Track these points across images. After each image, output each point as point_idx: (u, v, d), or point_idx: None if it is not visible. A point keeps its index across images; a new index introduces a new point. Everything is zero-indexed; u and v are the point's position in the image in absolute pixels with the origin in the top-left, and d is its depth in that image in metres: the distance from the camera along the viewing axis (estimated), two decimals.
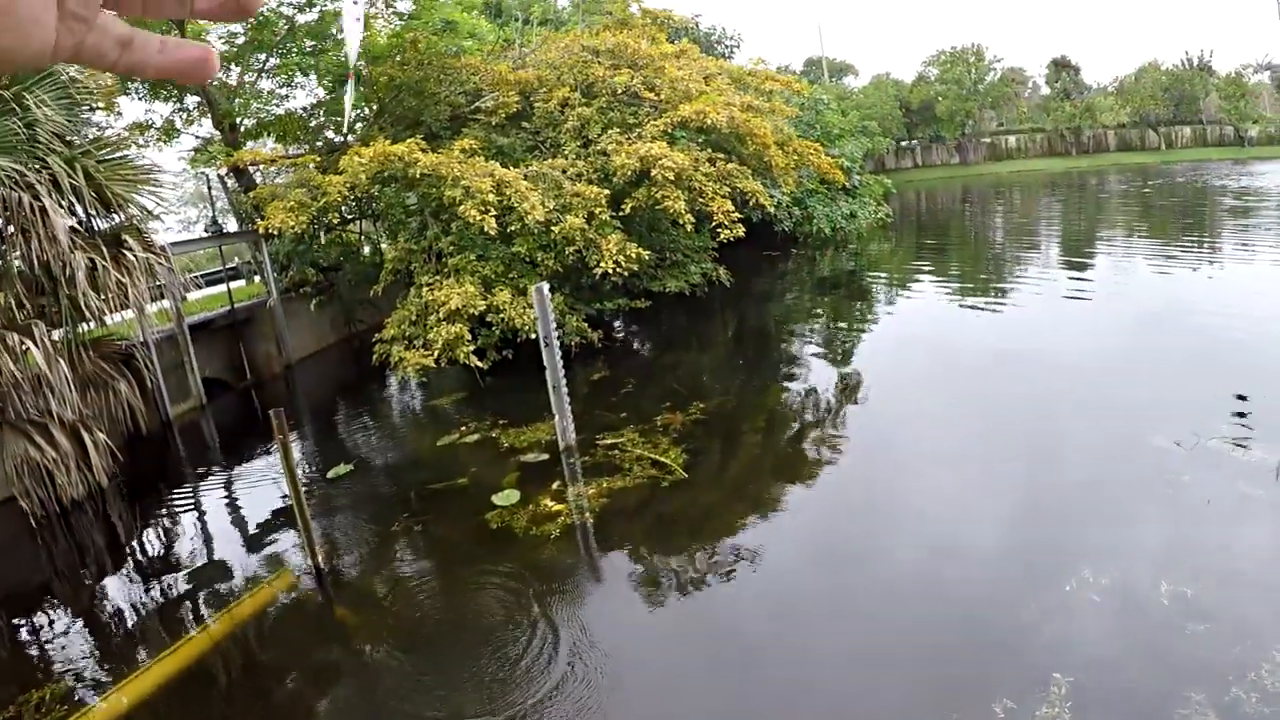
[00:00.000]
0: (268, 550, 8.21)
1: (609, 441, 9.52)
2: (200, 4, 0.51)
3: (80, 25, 0.46)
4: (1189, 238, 22.90)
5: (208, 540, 9.03)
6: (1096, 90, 58.73)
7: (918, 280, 20.55)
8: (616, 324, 16.37)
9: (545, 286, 8.75)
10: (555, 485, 8.52)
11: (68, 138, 10.38)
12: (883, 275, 22.21)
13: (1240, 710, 4.47)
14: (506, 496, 8.22)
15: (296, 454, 11.07)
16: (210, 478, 11.17)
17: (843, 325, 16.46)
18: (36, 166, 9.50)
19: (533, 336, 10.58)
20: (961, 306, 17.06)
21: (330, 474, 9.89)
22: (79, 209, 10.31)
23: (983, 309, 16.43)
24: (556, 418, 9.13)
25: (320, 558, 7.30)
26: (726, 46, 35.17)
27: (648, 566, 6.94)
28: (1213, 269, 18.26)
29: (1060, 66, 58.39)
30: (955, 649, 5.39)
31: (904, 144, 54.99)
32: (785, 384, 12.53)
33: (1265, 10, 73.02)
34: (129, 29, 0.50)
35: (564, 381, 8.90)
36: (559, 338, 12.32)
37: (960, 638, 5.50)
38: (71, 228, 9.78)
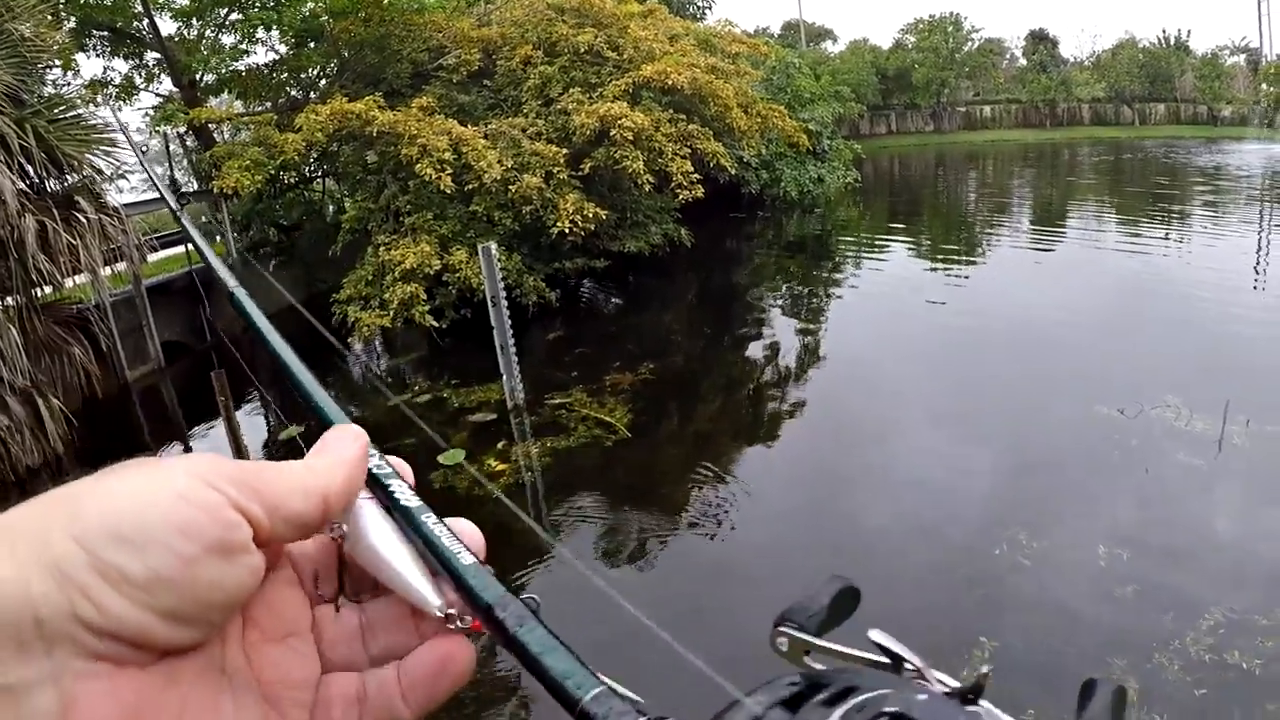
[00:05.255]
0: None
1: (557, 401, 9.57)
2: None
3: None
4: (1154, 210, 23.06)
5: None
6: (1073, 64, 58.57)
7: (882, 244, 20.55)
8: (585, 284, 16.30)
9: (492, 246, 8.75)
10: (501, 445, 8.58)
11: (21, 96, 10.15)
12: (848, 238, 22.17)
13: (1161, 678, 4.60)
14: (452, 456, 8.25)
15: (256, 416, 11.08)
16: (169, 441, 11.11)
17: (804, 287, 16.52)
18: None
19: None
20: (925, 270, 17.17)
21: (282, 436, 9.91)
22: (30, 170, 10.13)
23: (946, 273, 16.54)
24: (505, 377, 9.17)
25: None
26: (698, 7, 34.67)
27: (584, 527, 7.05)
28: (1174, 240, 18.39)
29: (1038, 39, 58.10)
30: (885, 616, 5.45)
31: (879, 110, 54.66)
32: (741, 345, 12.61)
33: None
34: None
35: (512, 341, 8.93)
36: (517, 297, 12.35)
37: (893, 605, 5.51)
38: (21, 190, 9.60)
